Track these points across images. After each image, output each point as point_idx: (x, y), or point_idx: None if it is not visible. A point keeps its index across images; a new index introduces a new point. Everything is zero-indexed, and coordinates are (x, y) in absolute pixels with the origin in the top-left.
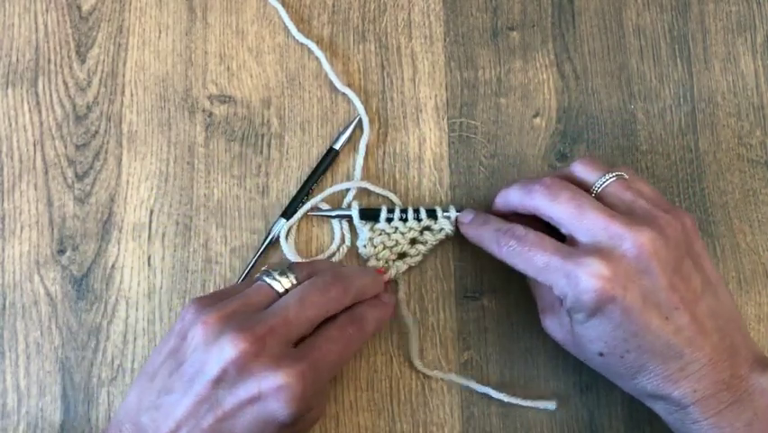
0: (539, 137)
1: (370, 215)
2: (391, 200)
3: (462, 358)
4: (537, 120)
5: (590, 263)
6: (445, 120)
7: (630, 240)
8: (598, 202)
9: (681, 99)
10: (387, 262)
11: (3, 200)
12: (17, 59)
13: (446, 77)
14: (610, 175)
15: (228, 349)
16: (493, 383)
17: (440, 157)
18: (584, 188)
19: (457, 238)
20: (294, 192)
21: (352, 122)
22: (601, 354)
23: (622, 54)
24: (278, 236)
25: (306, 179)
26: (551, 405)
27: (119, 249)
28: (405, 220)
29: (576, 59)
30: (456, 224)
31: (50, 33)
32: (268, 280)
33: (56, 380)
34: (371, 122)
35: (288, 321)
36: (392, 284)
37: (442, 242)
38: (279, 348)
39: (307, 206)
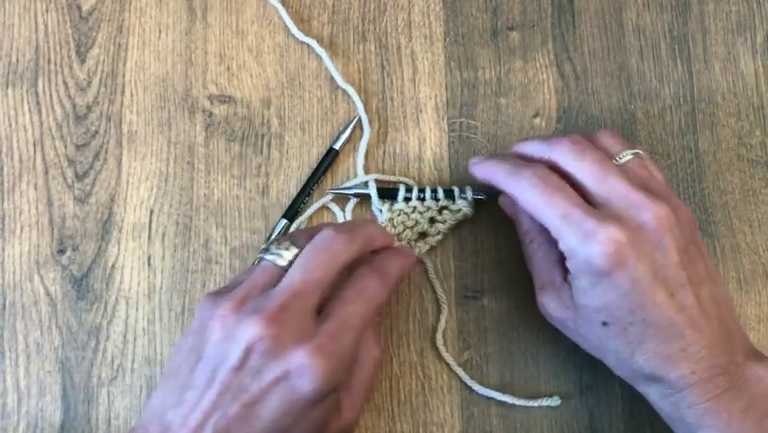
0: None
1: (387, 194)
2: (407, 184)
3: (462, 358)
4: (537, 120)
5: (608, 227)
6: (445, 120)
7: (650, 212)
8: (621, 170)
9: (681, 99)
10: (409, 242)
11: (3, 200)
12: (17, 59)
13: (446, 77)
14: (632, 151)
15: (247, 335)
16: (493, 383)
17: (440, 157)
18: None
19: (457, 237)
20: (294, 192)
21: (352, 121)
22: (605, 324)
23: (622, 54)
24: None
25: (306, 179)
26: (555, 401)
27: (119, 249)
28: (422, 199)
29: (576, 59)
30: (474, 204)
31: (50, 33)
32: (268, 257)
33: (56, 380)
34: (371, 122)
35: (297, 292)
36: (420, 264)
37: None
38: (298, 323)
39: (316, 205)
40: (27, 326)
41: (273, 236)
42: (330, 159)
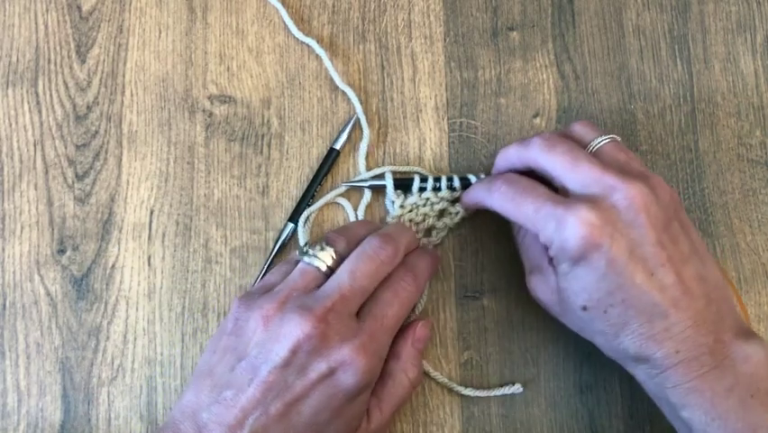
0: None
1: (403, 184)
2: (422, 174)
3: (462, 358)
4: (537, 120)
5: (579, 209)
6: (445, 120)
7: (622, 191)
8: (593, 156)
9: (681, 99)
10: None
11: (3, 200)
12: (17, 59)
13: (446, 77)
14: (606, 136)
15: (294, 333)
16: (493, 383)
17: (440, 157)
18: (581, 146)
19: (457, 237)
20: (294, 192)
21: (350, 121)
22: (585, 309)
23: (622, 54)
24: (288, 239)
25: (310, 181)
26: (517, 388)
27: (119, 249)
28: (438, 189)
29: (576, 59)
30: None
31: (50, 33)
32: (308, 260)
33: (56, 380)
34: (371, 122)
35: (344, 297)
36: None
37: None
38: (343, 324)
39: (327, 198)
40: (27, 326)
41: (281, 242)
42: (332, 159)
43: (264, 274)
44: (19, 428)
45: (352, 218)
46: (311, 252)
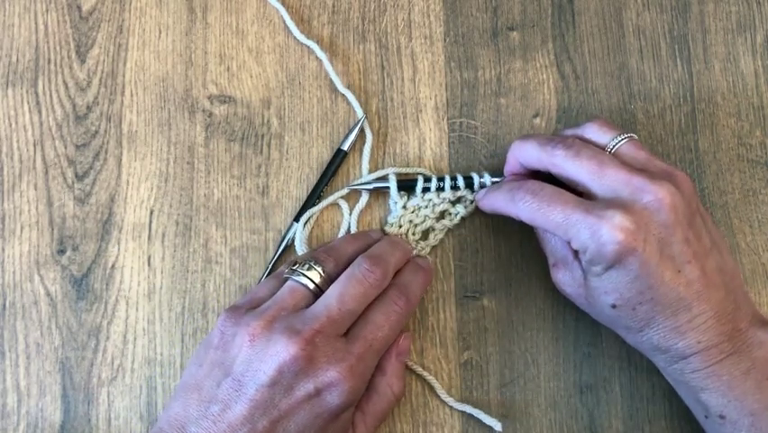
0: None
1: (406, 185)
2: (425, 175)
3: (462, 358)
4: (537, 120)
5: (613, 216)
6: (445, 120)
7: (651, 193)
8: (617, 159)
9: (681, 99)
10: (416, 242)
11: (3, 200)
12: (17, 59)
13: (446, 77)
14: (623, 136)
15: (281, 355)
16: (493, 383)
17: (440, 157)
18: (598, 146)
19: (457, 238)
20: (294, 192)
21: (358, 123)
22: (614, 306)
23: (622, 54)
24: (293, 239)
25: (316, 181)
26: (497, 425)
27: (119, 249)
28: (441, 189)
29: (576, 59)
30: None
31: (50, 33)
32: (296, 278)
33: (56, 380)
34: (371, 122)
35: (332, 320)
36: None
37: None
38: (330, 346)
39: (329, 200)
40: (27, 326)
41: (286, 241)
42: (339, 160)
43: (269, 273)
44: (19, 428)
45: (346, 221)
46: (299, 270)
